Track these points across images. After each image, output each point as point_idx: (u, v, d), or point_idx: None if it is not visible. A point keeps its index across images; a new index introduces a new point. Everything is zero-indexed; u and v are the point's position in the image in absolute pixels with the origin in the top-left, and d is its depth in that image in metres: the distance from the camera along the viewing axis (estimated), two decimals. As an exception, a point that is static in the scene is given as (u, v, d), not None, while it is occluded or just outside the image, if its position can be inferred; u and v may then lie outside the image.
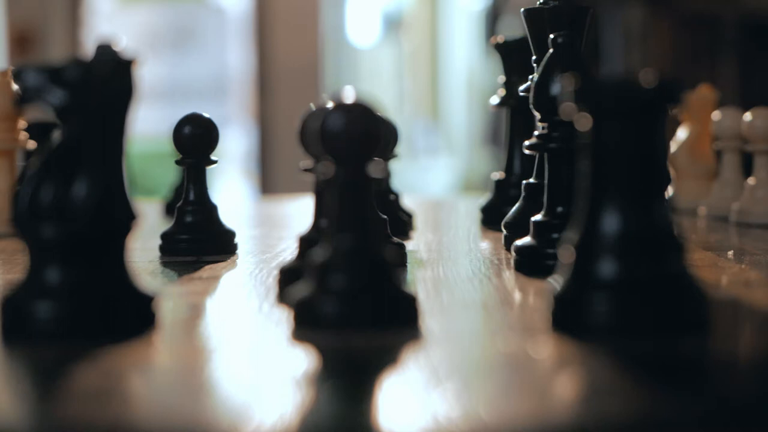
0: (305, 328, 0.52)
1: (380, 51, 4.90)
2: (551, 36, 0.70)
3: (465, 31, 4.71)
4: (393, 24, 4.96)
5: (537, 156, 0.81)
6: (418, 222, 1.01)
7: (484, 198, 1.00)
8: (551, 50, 0.70)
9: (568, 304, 0.52)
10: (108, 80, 0.52)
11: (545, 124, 0.70)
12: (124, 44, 0.53)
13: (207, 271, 0.73)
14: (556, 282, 0.53)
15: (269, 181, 3.88)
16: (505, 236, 0.82)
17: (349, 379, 0.46)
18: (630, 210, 0.51)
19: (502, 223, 0.82)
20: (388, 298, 0.52)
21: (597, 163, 0.52)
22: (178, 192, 1.15)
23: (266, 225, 1.17)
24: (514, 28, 3.45)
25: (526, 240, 0.71)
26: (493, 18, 3.88)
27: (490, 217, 0.97)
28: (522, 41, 0.97)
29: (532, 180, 0.82)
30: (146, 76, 4.04)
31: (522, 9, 0.81)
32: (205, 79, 4.50)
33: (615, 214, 0.51)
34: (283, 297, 0.61)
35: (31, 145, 1.02)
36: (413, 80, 4.89)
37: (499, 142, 3.93)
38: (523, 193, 0.82)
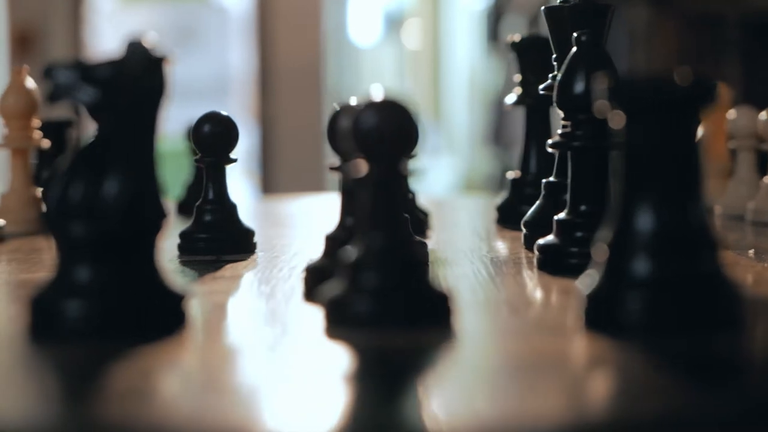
0: (338, 326, 0.52)
1: (382, 50, 4.90)
2: (575, 34, 0.70)
3: (466, 30, 4.71)
4: (394, 23, 4.96)
5: (557, 154, 0.81)
6: (433, 221, 1.01)
7: (499, 197, 1.00)
8: (575, 48, 0.70)
9: (602, 303, 0.51)
10: (139, 78, 0.52)
11: (569, 123, 0.70)
12: (154, 41, 0.53)
13: (228, 270, 0.73)
14: (588, 280, 0.53)
15: (271, 180, 3.88)
16: (525, 235, 0.82)
17: (383, 378, 0.46)
18: (664, 208, 0.51)
19: (522, 222, 0.82)
20: (422, 296, 0.51)
21: (630, 161, 0.51)
22: (191, 190, 1.14)
23: (276, 224, 1.17)
24: (517, 27, 3.45)
25: (549, 239, 0.71)
26: (495, 17, 3.88)
27: (507, 216, 0.97)
28: (538, 40, 0.97)
29: (552, 178, 0.81)
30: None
31: (542, 8, 0.81)
32: (206, 78, 4.49)
33: (649, 212, 0.51)
34: (310, 295, 0.61)
35: (45, 143, 1.02)
36: (415, 79, 4.88)
37: (500, 141, 3.93)
38: (542, 192, 0.81)
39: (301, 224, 1.16)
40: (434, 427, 0.39)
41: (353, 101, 0.61)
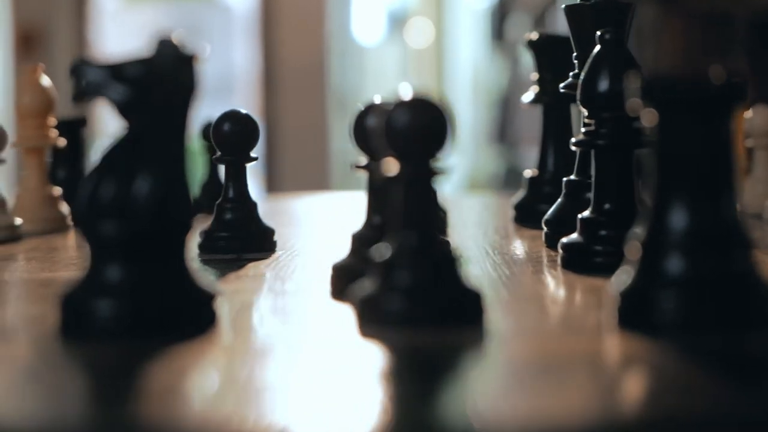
0: (370, 325, 0.52)
1: (385, 49, 4.90)
2: (598, 32, 0.69)
3: (470, 28, 4.71)
4: (398, 22, 4.95)
5: (578, 153, 0.81)
6: (451, 219, 1.01)
7: (517, 195, 1.00)
8: (598, 47, 0.69)
9: (635, 301, 0.51)
10: (170, 76, 0.52)
11: (592, 121, 0.70)
12: (184, 38, 0.52)
13: (251, 269, 0.73)
14: (621, 279, 0.52)
15: (275, 179, 3.88)
16: (546, 233, 0.81)
17: (416, 377, 0.46)
18: (697, 206, 0.51)
19: (543, 221, 0.82)
20: (454, 295, 0.51)
21: (664, 159, 0.51)
22: (206, 189, 1.14)
23: (288, 223, 1.17)
24: (522, 25, 3.45)
25: (573, 237, 0.70)
26: (500, 16, 3.88)
27: (524, 215, 0.97)
28: (555, 38, 0.97)
29: (573, 177, 0.81)
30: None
31: (563, 6, 0.81)
32: (211, 77, 4.49)
33: (682, 210, 0.51)
34: (338, 294, 0.60)
35: (61, 142, 1.02)
36: (419, 78, 4.88)
37: (505, 140, 3.93)
38: (563, 190, 0.81)
39: (314, 223, 1.16)
40: (468, 426, 0.39)
41: (377, 100, 0.61)
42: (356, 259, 0.61)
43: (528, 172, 0.98)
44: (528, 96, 0.97)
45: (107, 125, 3.49)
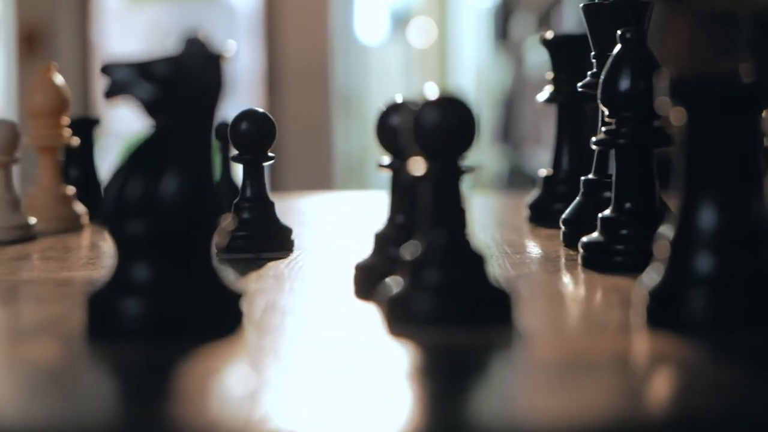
0: (399, 324, 0.52)
1: (389, 48, 4.90)
2: (619, 31, 0.69)
3: (473, 28, 4.71)
4: (401, 21, 4.95)
5: (596, 152, 0.81)
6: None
7: (531, 194, 1.00)
8: (619, 46, 0.69)
9: (664, 300, 0.51)
10: (197, 75, 0.52)
11: (613, 120, 0.70)
12: (211, 37, 0.52)
13: (271, 268, 0.73)
14: (650, 277, 0.52)
15: (278, 178, 3.88)
16: (564, 233, 0.81)
17: (446, 376, 0.46)
18: (727, 205, 0.51)
19: (561, 220, 0.82)
20: (484, 294, 0.51)
21: (693, 158, 0.51)
22: (219, 188, 1.14)
23: (299, 223, 1.17)
24: (526, 25, 3.45)
25: (594, 236, 0.70)
26: (504, 15, 3.88)
27: (539, 214, 0.97)
28: (570, 37, 0.97)
29: (591, 176, 0.81)
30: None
31: (581, 5, 0.81)
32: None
33: (712, 209, 0.51)
34: (362, 293, 0.60)
35: (74, 141, 1.02)
36: (422, 78, 4.88)
37: (508, 139, 3.93)
38: (581, 189, 0.81)
39: (325, 222, 1.16)
40: (498, 425, 0.39)
41: (399, 99, 0.61)
42: (380, 258, 0.61)
43: (542, 171, 0.98)
44: (543, 95, 0.97)
45: (117, 125, 3.49)
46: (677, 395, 0.43)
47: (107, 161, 1.14)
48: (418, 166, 0.52)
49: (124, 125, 3.51)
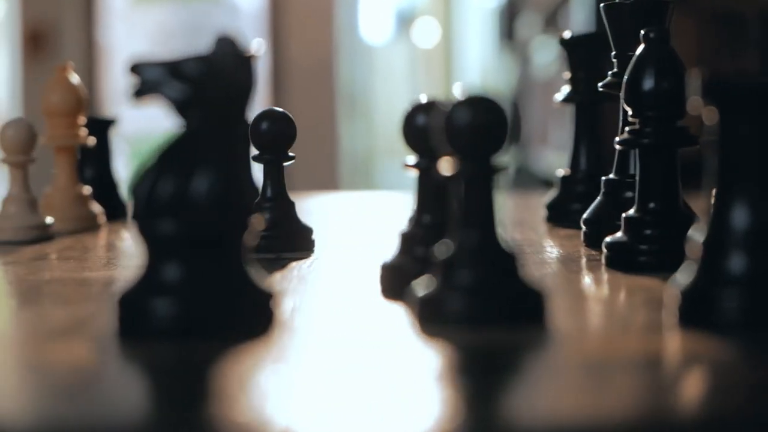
0: (430, 324, 0.51)
1: (394, 48, 4.90)
2: (643, 31, 0.69)
3: (479, 28, 4.71)
4: (406, 21, 4.95)
5: (617, 151, 0.81)
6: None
7: (549, 194, 0.99)
8: (643, 45, 0.69)
9: (697, 300, 0.51)
10: (228, 74, 0.52)
11: (637, 120, 0.70)
12: (242, 36, 0.52)
13: (295, 269, 0.72)
14: (682, 277, 0.52)
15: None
16: (585, 233, 0.81)
17: (478, 376, 0.46)
18: (760, 204, 0.51)
19: (582, 220, 0.82)
20: (516, 294, 0.51)
21: (725, 157, 0.51)
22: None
23: (311, 223, 1.16)
24: (533, 25, 3.45)
25: (618, 236, 0.70)
26: (509, 15, 3.88)
27: (557, 214, 0.96)
28: (589, 37, 0.97)
29: (612, 176, 0.81)
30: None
31: (602, 4, 0.81)
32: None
33: (744, 208, 0.51)
34: (389, 293, 0.60)
35: (91, 141, 1.01)
36: (427, 77, 4.88)
37: (512, 139, 3.92)
38: (602, 189, 0.81)
39: (338, 222, 1.16)
40: (531, 425, 0.38)
41: (424, 99, 0.61)
42: (406, 258, 0.61)
43: (560, 171, 0.98)
44: (560, 95, 0.97)
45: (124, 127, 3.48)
46: (710, 395, 0.43)
47: (117, 162, 1.14)
48: (448, 165, 0.52)
49: (131, 126, 3.50)
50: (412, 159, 0.61)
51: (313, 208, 1.32)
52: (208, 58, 0.51)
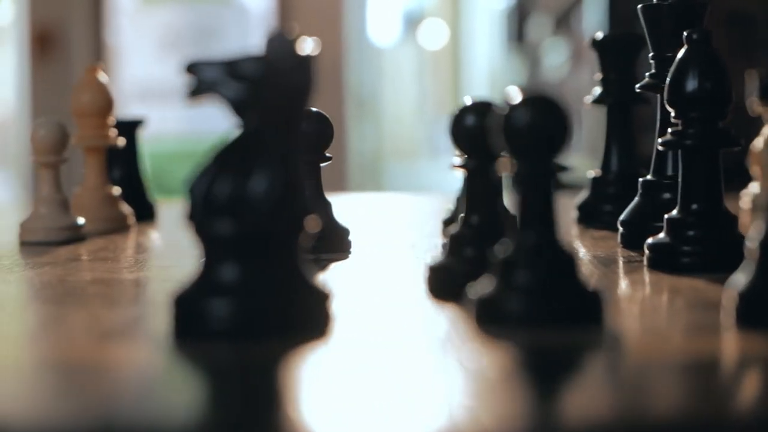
0: (489, 325, 0.51)
1: (402, 50, 4.90)
2: (686, 32, 0.69)
3: (487, 30, 4.71)
4: (414, 23, 4.95)
5: (654, 152, 0.81)
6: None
7: (580, 196, 0.99)
8: (686, 47, 0.69)
9: (755, 301, 0.51)
10: (287, 74, 0.51)
11: (679, 121, 0.70)
12: (300, 35, 0.52)
13: (336, 270, 0.72)
14: (740, 278, 0.52)
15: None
16: (623, 234, 0.81)
17: (537, 377, 0.46)
18: (819, 206, 0.50)
19: (619, 221, 0.81)
20: (575, 295, 0.51)
21: (784, 158, 0.51)
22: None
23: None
24: (543, 27, 3.45)
25: (660, 237, 0.70)
26: (519, 17, 3.88)
27: (588, 215, 0.96)
28: (621, 38, 0.97)
29: (649, 177, 0.81)
30: (167, 75, 4.04)
31: (639, 6, 0.80)
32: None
33: (803, 210, 0.50)
34: (437, 295, 0.60)
35: (120, 142, 1.01)
36: (435, 79, 4.88)
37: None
38: (639, 190, 0.81)
39: (362, 223, 1.16)
40: (591, 426, 0.38)
41: (469, 100, 0.61)
42: (455, 259, 0.61)
43: (591, 173, 0.98)
44: (591, 96, 0.97)
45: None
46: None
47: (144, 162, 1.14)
48: (506, 166, 0.52)
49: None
50: (459, 160, 0.61)
51: (341, 210, 1.32)
52: (266, 58, 0.51)
